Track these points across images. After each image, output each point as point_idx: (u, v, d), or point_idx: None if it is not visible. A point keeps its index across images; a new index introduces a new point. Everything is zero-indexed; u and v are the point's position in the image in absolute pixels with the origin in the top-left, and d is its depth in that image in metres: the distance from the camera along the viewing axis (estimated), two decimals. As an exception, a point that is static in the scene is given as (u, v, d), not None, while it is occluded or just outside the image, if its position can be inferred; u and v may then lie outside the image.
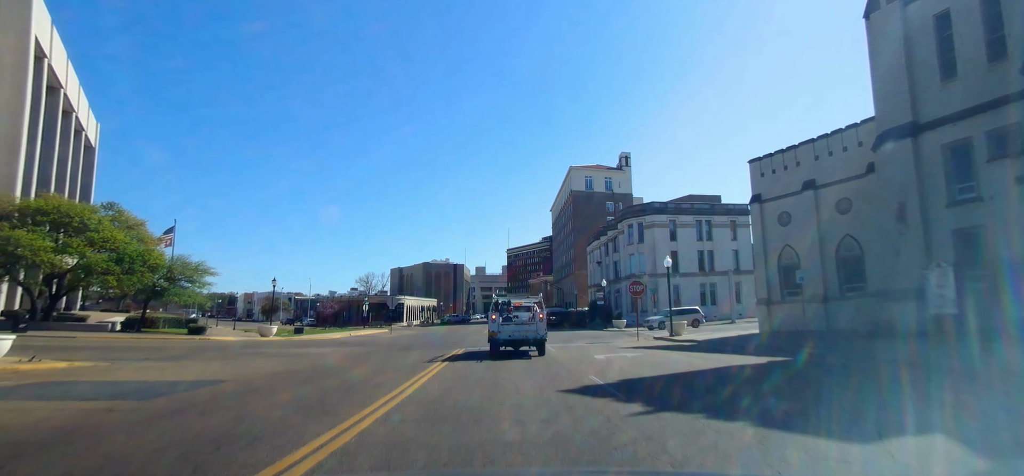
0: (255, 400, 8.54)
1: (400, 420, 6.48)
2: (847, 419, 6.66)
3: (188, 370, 13.59)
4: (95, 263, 29.43)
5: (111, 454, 4.98)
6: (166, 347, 22.55)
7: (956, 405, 7.60)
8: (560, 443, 5.14)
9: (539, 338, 17.09)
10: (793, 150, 25.52)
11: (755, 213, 27.33)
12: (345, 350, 22.84)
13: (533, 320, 17.43)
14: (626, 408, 7.20)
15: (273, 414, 7.14)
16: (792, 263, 25.44)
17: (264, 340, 31.49)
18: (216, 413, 7.15)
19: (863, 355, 14.22)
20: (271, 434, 5.62)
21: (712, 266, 55.74)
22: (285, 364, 15.94)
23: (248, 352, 21.04)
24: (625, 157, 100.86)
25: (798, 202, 25.07)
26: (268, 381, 11.42)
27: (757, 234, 27.13)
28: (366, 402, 7.80)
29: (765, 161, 26.92)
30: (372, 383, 10.44)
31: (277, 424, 6.30)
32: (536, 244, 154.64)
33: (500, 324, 17.13)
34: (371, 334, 43.41)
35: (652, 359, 16.11)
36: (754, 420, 6.51)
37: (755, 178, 27.46)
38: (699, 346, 20.75)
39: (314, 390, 9.66)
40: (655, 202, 55.06)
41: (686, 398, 8.56)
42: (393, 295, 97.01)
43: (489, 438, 5.37)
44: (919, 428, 6.05)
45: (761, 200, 26.95)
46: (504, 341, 17.07)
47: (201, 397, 8.69)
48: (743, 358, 15.28)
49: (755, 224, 27.32)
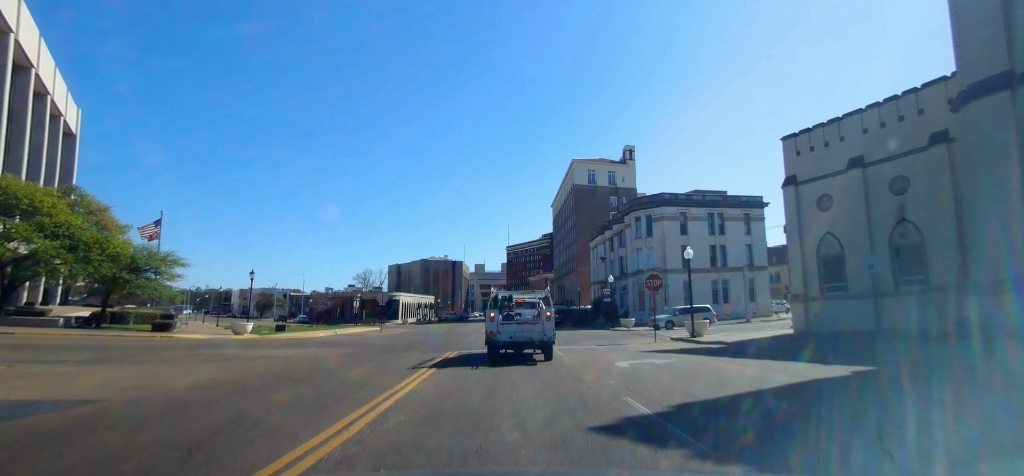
0: (120, 434, 5.33)
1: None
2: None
3: (94, 378, 10.38)
4: (44, 250, 26.11)
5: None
6: (109, 347, 19.27)
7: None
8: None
9: (545, 340, 14.09)
10: (836, 123, 22.21)
11: (788, 198, 24.05)
12: (317, 352, 19.59)
13: (538, 319, 14.45)
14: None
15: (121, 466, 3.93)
16: (834, 253, 22.17)
17: (235, 338, 28.21)
18: (40, 457, 3.96)
19: (979, 363, 10.99)
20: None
21: (724, 262, 52.46)
22: (230, 370, 12.77)
23: (201, 354, 17.77)
24: (629, 150, 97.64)
25: (842, 183, 21.78)
26: (182, 397, 8.24)
27: (791, 221, 23.85)
28: (307, 432, 4.62)
29: (802, 138, 23.62)
30: (329, 402, 7.31)
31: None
32: (536, 241, 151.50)
33: (500, 324, 14.26)
34: (360, 333, 40.15)
35: (689, 367, 12.88)
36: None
37: (789, 157, 24.18)
38: (731, 349, 17.53)
39: (222, 417, 6.42)
40: (665, 193, 51.63)
41: (817, 442, 5.28)
42: (391, 292, 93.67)
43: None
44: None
45: (796, 182, 23.67)
46: (504, 343, 14.14)
47: (47, 425, 5.56)
48: (810, 369, 12.04)
49: (789, 210, 24.04)
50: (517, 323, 14.42)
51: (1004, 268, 13.63)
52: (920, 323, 17.74)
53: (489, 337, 14.20)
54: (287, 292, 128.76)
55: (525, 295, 18.76)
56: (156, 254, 32.02)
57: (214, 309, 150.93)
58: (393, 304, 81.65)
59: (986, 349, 12.52)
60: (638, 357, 15.36)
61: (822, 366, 12.06)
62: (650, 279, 24.48)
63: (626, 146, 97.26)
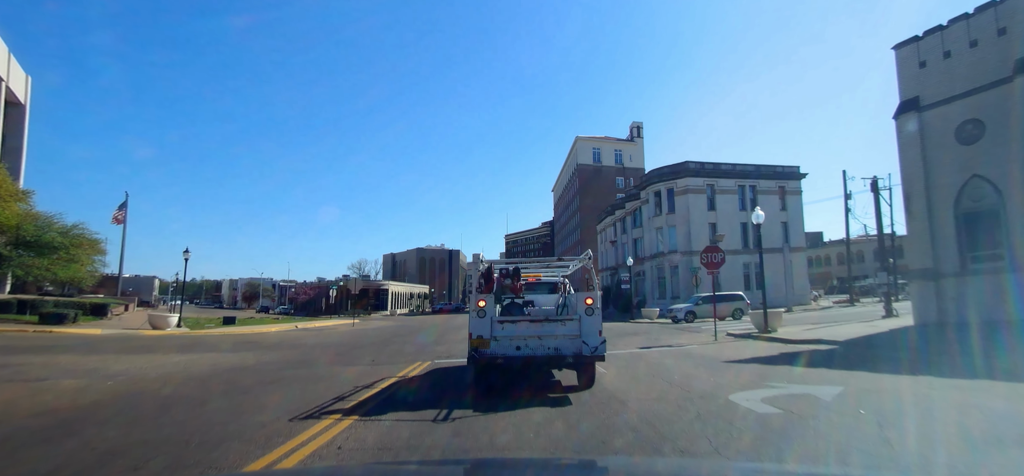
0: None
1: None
2: None
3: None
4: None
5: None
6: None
7: None
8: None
9: (584, 354, 7.23)
10: (991, 7, 14.91)
11: (906, 132, 16.84)
12: (185, 371, 12.63)
13: (567, 311, 8.75)
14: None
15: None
16: (985, 205, 15.05)
17: (137, 335, 21.09)
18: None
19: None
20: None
21: (757, 242, 45.21)
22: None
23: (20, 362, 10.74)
24: (637, 127, 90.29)
25: (999, 100, 14.61)
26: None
27: (912, 165, 16.66)
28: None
29: (930, 41, 16.32)
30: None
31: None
32: (536, 229, 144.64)
33: (497, 322, 7.50)
34: (327, 327, 33.13)
35: (881, 404, 5.83)
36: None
37: (906, 73, 16.94)
38: (843, 355, 10.63)
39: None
40: (689, 162, 44.22)
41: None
42: (379, 281, 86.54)
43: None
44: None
45: (919, 106, 16.46)
46: (505, 359, 7.29)
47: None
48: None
49: (906, 149, 16.83)
50: (529, 320, 7.74)
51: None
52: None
53: (476, 347, 7.24)
54: (276, 283, 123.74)
55: (541, 270, 11.42)
56: (53, 223, 24.83)
57: (206, 300, 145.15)
58: (382, 294, 74.57)
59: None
60: (743, 374, 8.35)
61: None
62: (709, 253, 17.35)
63: (633, 123, 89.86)
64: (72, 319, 23.09)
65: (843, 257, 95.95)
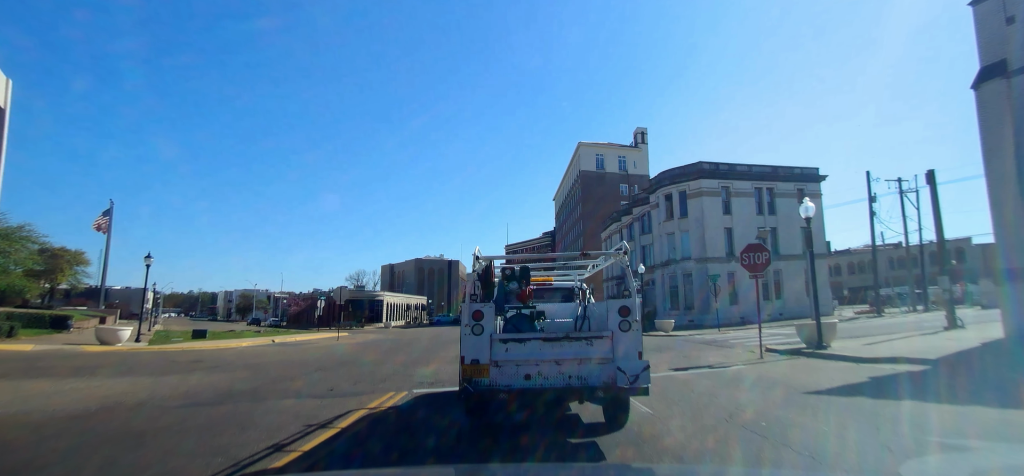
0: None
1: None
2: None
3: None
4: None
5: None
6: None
7: None
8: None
9: (624, 385, 4.68)
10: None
11: (990, 104, 13.92)
12: (95, 392, 9.53)
13: (600, 323, 5.53)
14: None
15: None
16: (1103, 191, 12.06)
17: (76, 352, 17.99)
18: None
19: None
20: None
21: (775, 248, 42.24)
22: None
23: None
24: (641, 133, 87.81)
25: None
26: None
27: (996, 142, 13.71)
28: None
29: (1021, -7, 13.49)
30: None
31: None
32: (536, 239, 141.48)
33: (500, 339, 4.94)
34: (308, 341, 30.06)
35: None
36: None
37: (988, 33, 14.06)
38: (968, 382, 7.57)
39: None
40: (703, 162, 41.36)
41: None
42: (374, 292, 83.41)
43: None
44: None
45: (1007, 72, 13.56)
46: (515, 392, 4.74)
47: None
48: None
49: (990, 123, 13.90)
50: (543, 339, 5.04)
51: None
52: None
53: (470, 376, 4.87)
54: (271, 294, 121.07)
55: (554, 274, 8.70)
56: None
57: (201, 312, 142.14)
58: (376, 305, 71.41)
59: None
60: (861, 416, 5.33)
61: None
62: (750, 253, 14.27)
63: (638, 128, 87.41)
64: (6, 333, 20.08)
65: (854, 267, 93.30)
